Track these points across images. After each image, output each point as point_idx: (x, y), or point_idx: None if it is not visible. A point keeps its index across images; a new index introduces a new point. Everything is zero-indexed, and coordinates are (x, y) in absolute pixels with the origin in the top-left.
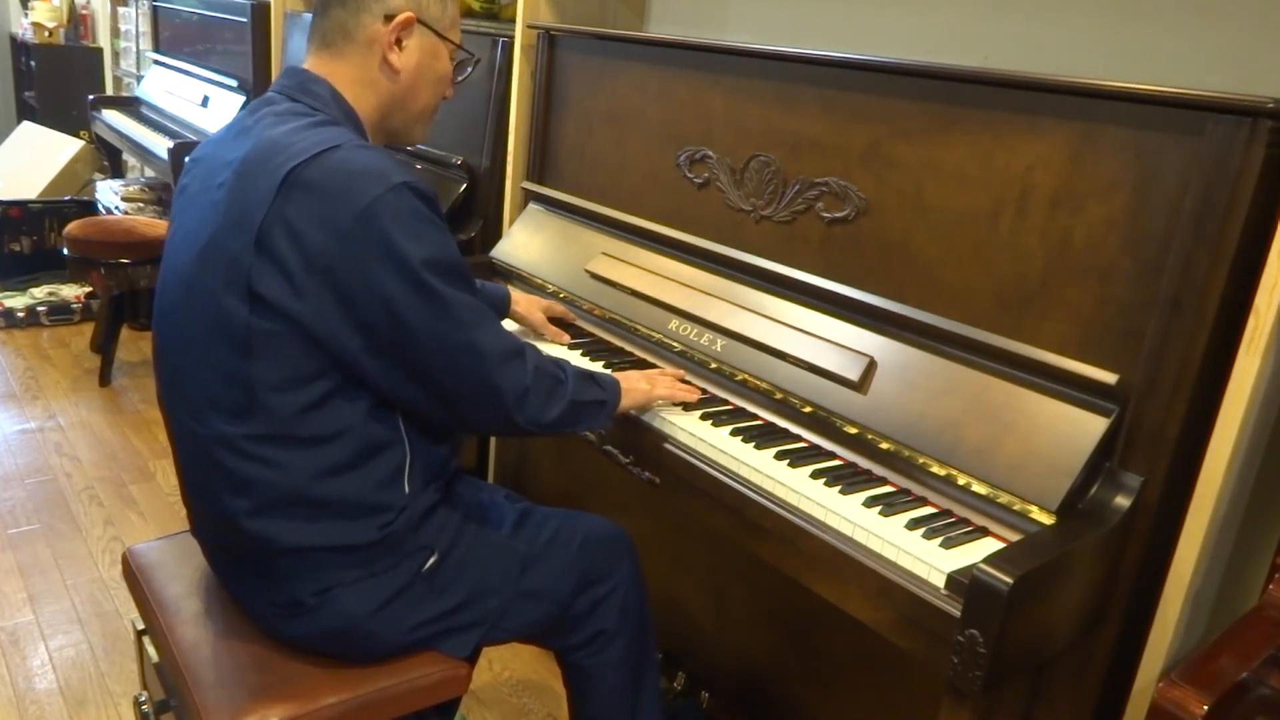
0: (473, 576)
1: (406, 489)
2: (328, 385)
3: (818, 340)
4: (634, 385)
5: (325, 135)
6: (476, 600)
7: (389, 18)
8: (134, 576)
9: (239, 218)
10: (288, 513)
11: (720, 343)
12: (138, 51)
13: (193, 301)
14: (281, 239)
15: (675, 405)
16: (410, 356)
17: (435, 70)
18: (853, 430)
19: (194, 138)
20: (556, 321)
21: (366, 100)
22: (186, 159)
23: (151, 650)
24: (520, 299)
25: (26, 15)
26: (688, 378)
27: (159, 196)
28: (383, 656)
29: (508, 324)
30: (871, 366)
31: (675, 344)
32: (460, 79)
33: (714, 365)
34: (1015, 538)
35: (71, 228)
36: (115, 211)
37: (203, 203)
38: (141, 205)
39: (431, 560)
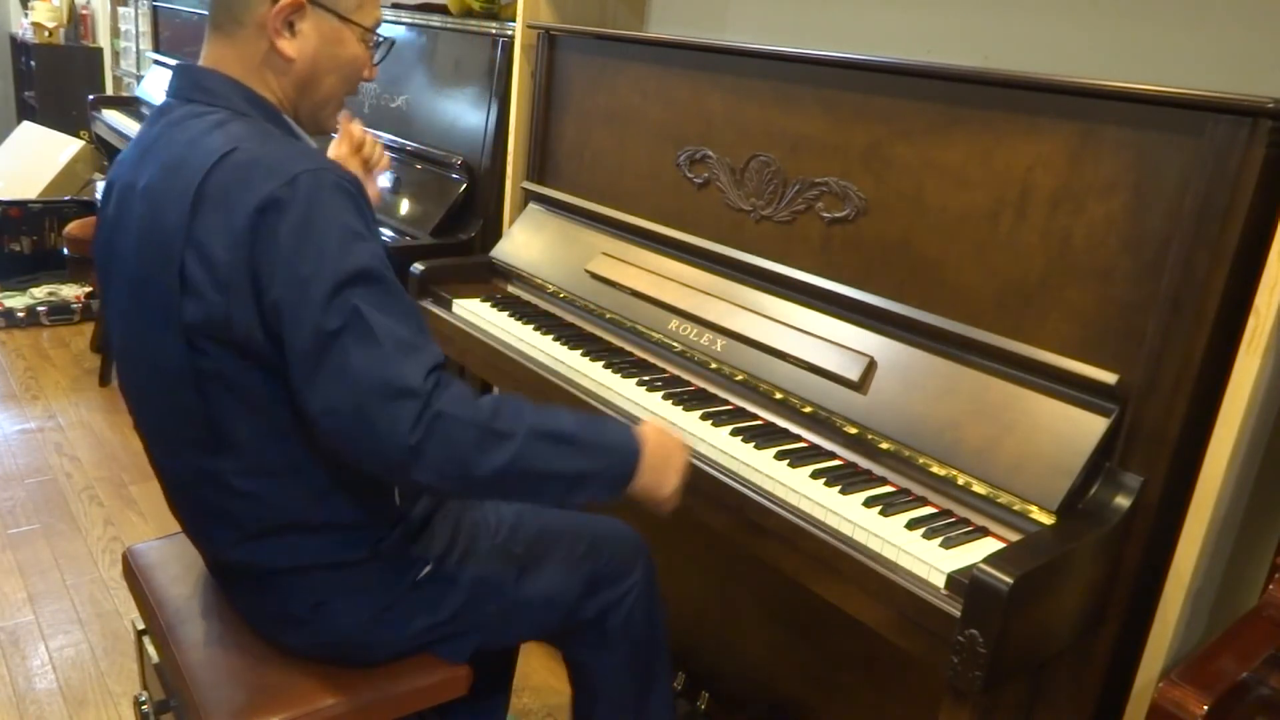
0: (467, 585)
1: (398, 501)
2: (289, 410)
3: (818, 340)
4: (654, 484)
5: (219, 140)
6: (472, 608)
7: (274, 1)
8: (134, 576)
9: (158, 254)
10: (275, 540)
11: (720, 343)
12: (138, 51)
13: (136, 344)
14: (196, 266)
15: (675, 406)
16: (299, 381)
17: (339, 56)
18: (853, 430)
19: None
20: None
21: (266, 87)
22: (108, 180)
23: (151, 650)
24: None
25: (26, 15)
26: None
27: None
28: (379, 663)
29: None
30: (871, 366)
31: (675, 344)
32: (377, 61)
33: (714, 365)
34: (1015, 538)
35: (71, 228)
36: None
37: (123, 237)
38: None
39: (425, 570)
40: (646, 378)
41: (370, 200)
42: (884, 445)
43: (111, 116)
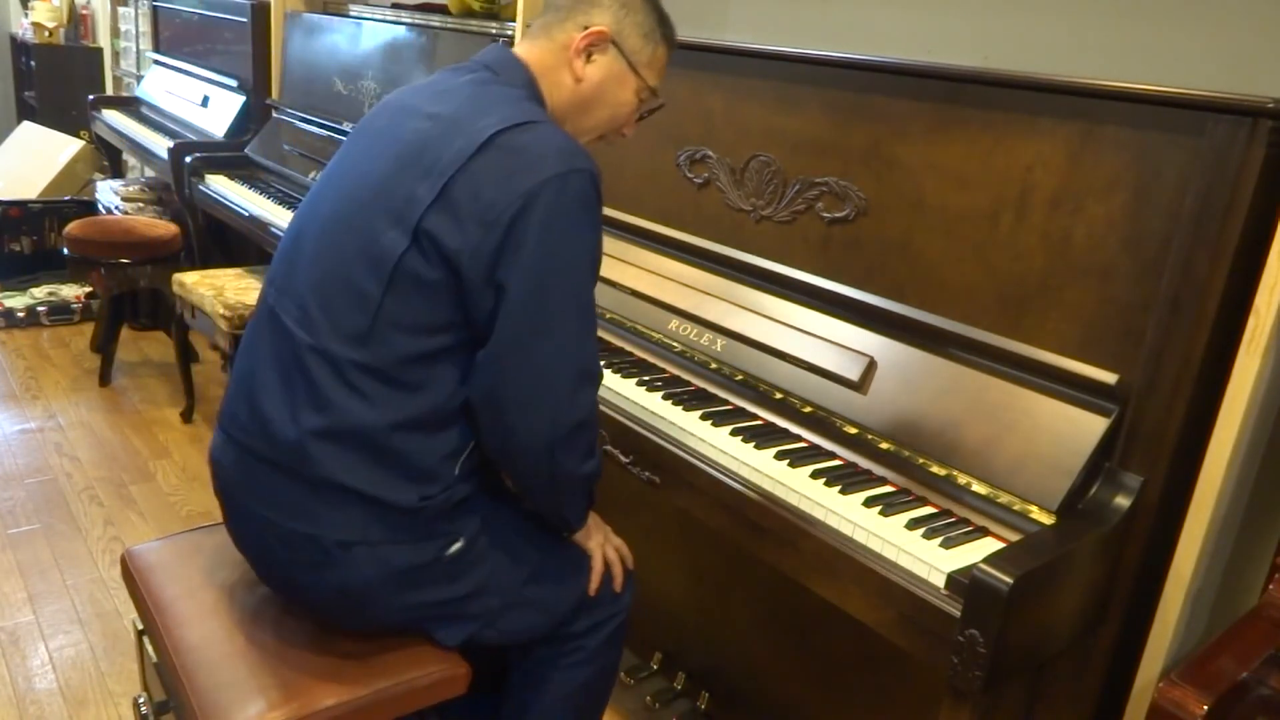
0: (485, 571)
1: (457, 470)
2: (445, 341)
3: (818, 340)
4: (593, 528)
5: (529, 109)
6: (480, 594)
7: (585, 28)
8: (134, 577)
9: (430, 164)
10: (351, 446)
11: (720, 343)
12: (138, 51)
13: (356, 223)
14: (465, 193)
15: (675, 406)
16: (512, 333)
17: (615, 94)
18: (853, 430)
19: (194, 138)
20: None
21: (550, 95)
22: (378, 104)
23: (151, 650)
24: None
25: (26, 15)
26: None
27: (159, 196)
28: (377, 625)
29: None
30: (871, 366)
31: (675, 344)
32: (640, 118)
33: (714, 365)
34: (1015, 538)
35: (71, 228)
36: (115, 211)
37: (390, 139)
38: (141, 205)
39: (456, 546)
40: (646, 378)
41: None
42: (884, 445)
43: (111, 116)
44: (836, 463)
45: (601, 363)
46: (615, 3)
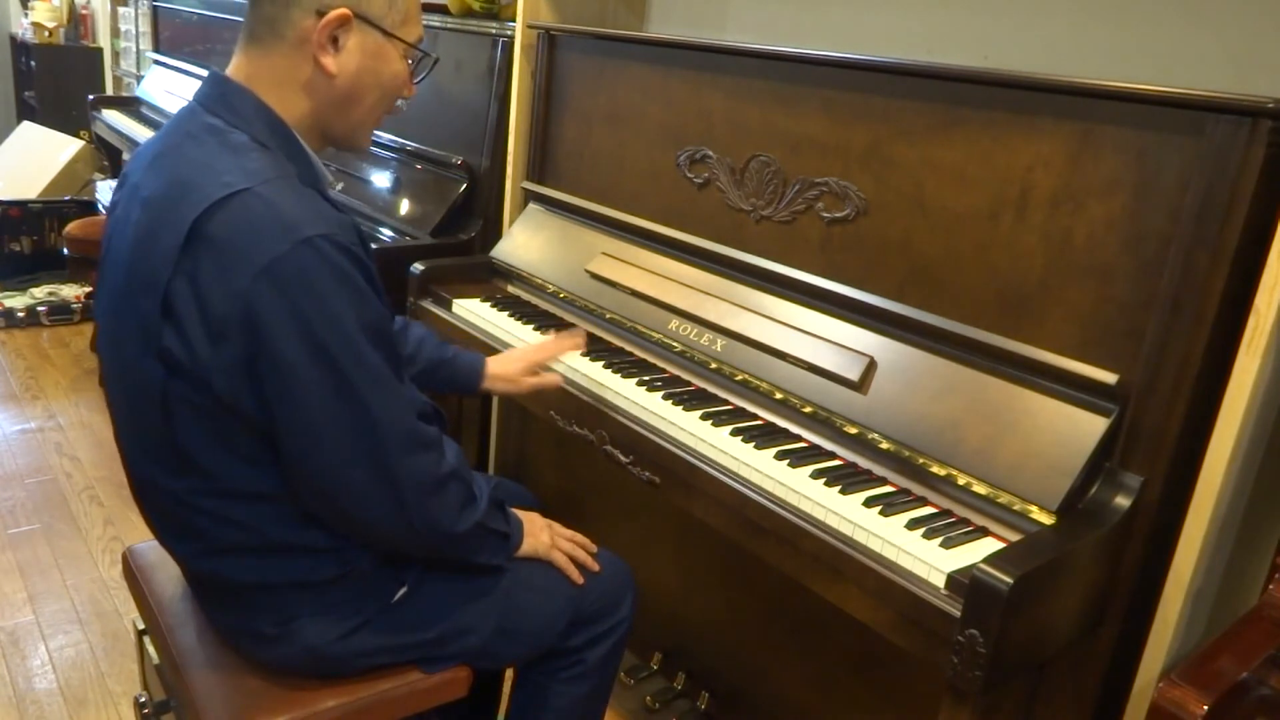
0: (447, 613)
1: None
2: (261, 444)
3: (818, 340)
4: (536, 531)
5: (236, 172)
6: (453, 637)
7: (321, 14)
8: (134, 576)
9: (149, 271)
10: (241, 558)
11: (720, 343)
12: (138, 51)
13: (116, 356)
14: (185, 301)
15: (675, 406)
16: (301, 435)
17: (381, 73)
18: (853, 430)
19: None
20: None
21: (297, 107)
22: (101, 183)
23: (151, 650)
24: (496, 365)
25: (26, 15)
26: (586, 548)
27: None
28: (355, 676)
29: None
30: (871, 366)
31: (675, 344)
32: (418, 79)
33: (714, 365)
34: (1015, 538)
35: (71, 228)
36: None
37: (121, 234)
38: None
39: (401, 592)
40: (646, 378)
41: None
42: (884, 445)
43: (111, 116)
44: (836, 463)
45: (600, 363)
46: None
